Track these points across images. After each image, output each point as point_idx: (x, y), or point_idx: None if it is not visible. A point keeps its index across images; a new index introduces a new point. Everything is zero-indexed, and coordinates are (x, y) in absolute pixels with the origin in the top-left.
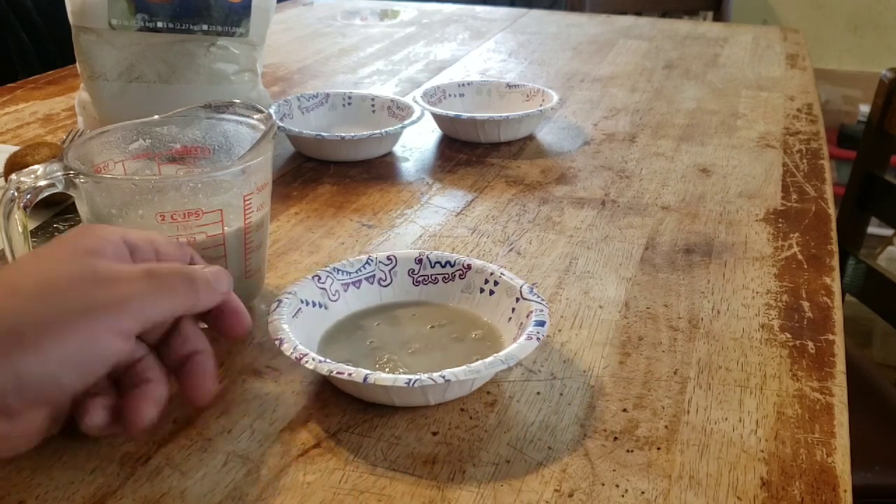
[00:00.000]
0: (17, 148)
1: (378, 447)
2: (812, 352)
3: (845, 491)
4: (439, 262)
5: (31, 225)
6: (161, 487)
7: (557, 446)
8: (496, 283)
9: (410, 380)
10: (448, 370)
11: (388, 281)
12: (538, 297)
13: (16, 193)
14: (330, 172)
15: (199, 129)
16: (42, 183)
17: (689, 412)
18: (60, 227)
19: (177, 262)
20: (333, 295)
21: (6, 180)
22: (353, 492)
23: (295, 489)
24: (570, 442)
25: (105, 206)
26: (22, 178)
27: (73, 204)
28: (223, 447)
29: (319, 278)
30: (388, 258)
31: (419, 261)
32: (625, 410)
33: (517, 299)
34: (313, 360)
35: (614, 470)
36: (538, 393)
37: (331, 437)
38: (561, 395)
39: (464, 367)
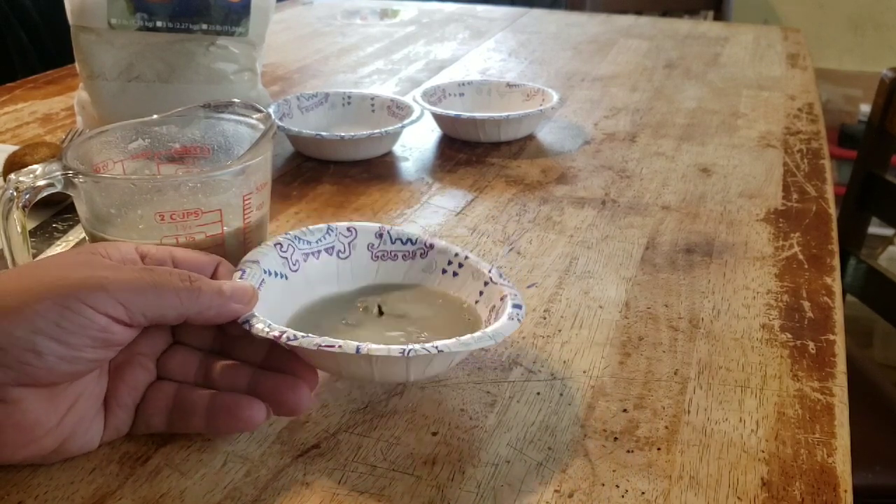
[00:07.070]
0: (16, 148)
1: (378, 447)
2: (813, 352)
3: (846, 491)
4: (400, 239)
5: (30, 225)
6: (160, 488)
7: (557, 447)
8: (460, 266)
9: (405, 350)
10: (440, 341)
11: (347, 253)
12: (508, 282)
13: (14, 193)
14: (329, 172)
15: (199, 129)
16: (41, 183)
17: (689, 412)
18: (59, 226)
19: (195, 269)
20: (294, 265)
21: (5, 180)
22: (352, 492)
23: (294, 490)
24: (570, 442)
25: (104, 206)
26: (21, 178)
27: (72, 204)
28: (222, 447)
29: (281, 246)
30: (349, 229)
31: (380, 235)
32: (625, 411)
33: (486, 283)
34: (294, 336)
35: (614, 470)
36: (538, 393)
37: (330, 438)
38: (561, 395)
39: (454, 339)
